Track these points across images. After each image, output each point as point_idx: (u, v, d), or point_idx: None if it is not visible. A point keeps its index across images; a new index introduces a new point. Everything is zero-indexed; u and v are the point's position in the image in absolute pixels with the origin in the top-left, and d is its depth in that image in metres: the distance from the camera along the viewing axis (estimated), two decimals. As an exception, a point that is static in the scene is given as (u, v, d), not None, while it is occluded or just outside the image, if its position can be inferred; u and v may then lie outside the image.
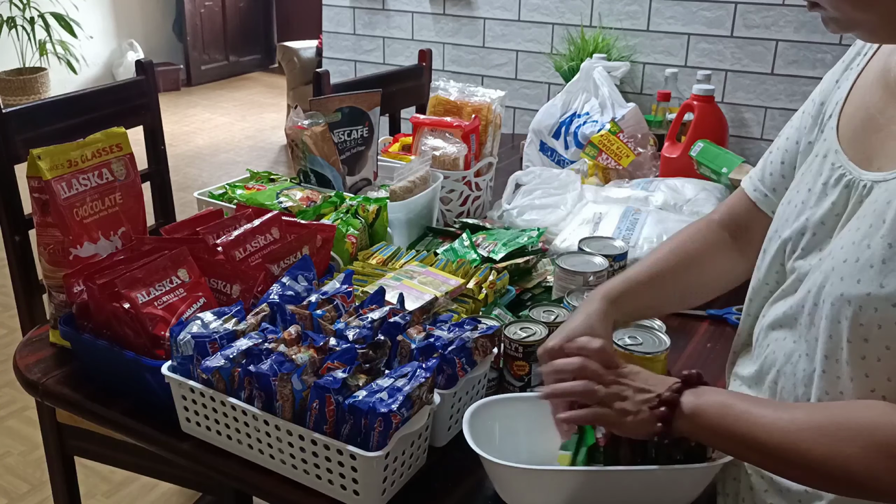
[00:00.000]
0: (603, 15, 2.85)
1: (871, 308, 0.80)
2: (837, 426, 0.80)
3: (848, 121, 0.93)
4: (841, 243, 0.86)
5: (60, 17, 5.78)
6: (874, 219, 0.83)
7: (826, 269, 0.87)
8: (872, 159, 0.88)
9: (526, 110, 3.08)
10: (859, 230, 0.84)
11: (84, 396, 1.18)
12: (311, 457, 0.97)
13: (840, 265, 0.84)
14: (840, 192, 0.90)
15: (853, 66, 0.97)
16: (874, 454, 0.77)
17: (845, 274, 0.83)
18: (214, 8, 7.17)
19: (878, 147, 0.88)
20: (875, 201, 0.84)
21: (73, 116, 1.78)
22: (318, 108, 1.68)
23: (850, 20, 0.83)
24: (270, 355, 0.99)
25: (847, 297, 0.82)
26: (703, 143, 1.83)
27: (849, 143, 0.92)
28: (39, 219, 1.23)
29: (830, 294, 0.85)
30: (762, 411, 0.85)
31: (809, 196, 0.94)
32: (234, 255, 1.23)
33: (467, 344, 1.05)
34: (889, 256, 0.80)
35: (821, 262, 0.90)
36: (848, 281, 0.83)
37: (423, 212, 1.65)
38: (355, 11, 3.35)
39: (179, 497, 2.20)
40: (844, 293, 0.83)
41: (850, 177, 0.89)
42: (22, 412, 2.55)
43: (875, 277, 0.80)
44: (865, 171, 0.88)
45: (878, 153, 0.87)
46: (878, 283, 0.80)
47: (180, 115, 6.13)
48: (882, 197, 0.83)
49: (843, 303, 0.83)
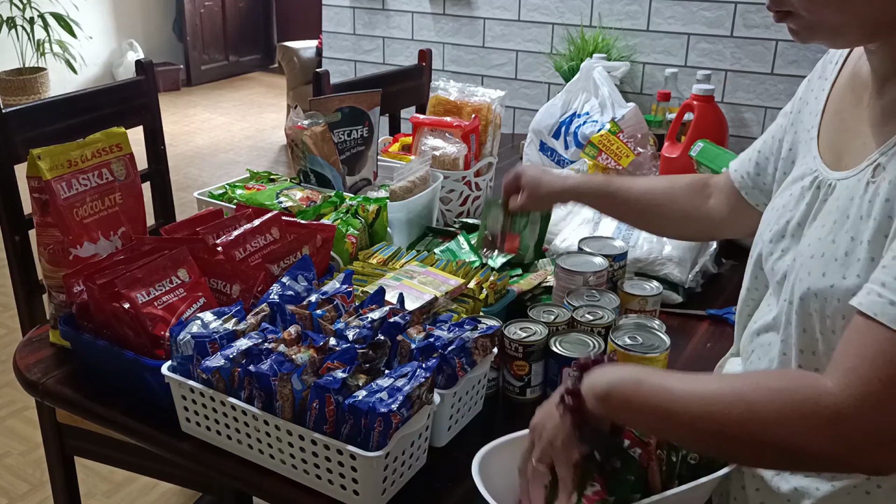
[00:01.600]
0: (603, 15, 2.85)
1: (835, 299, 0.83)
2: (753, 389, 0.77)
3: (825, 128, 0.97)
4: (808, 240, 0.89)
5: (60, 17, 5.78)
6: (838, 215, 0.86)
7: (796, 268, 0.90)
8: (841, 159, 0.91)
9: (526, 110, 3.08)
10: (824, 227, 0.87)
11: (84, 396, 1.18)
12: (310, 457, 0.97)
13: (808, 261, 0.87)
14: (812, 193, 0.93)
15: (827, 74, 1.00)
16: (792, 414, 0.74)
17: (812, 269, 0.86)
18: (214, 8, 7.17)
19: (846, 146, 0.91)
20: (838, 198, 0.87)
21: (73, 116, 1.78)
22: (318, 108, 1.68)
23: (821, 24, 0.84)
24: (270, 355, 0.99)
25: (814, 290, 0.85)
26: (702, 143, 1.83)
27: (825, 148, 0.95)
28: (39, 219, 1.23)
29: (799, 289, 0.87)
30: (676, 383, 0.82)
31: (790, 200, 0.97)
32: (234, 255, 1.23)
33: (467, 344, 1.05)
34: (851, 249, 0.82)
35: (794, 261, 0.92)
36: (814, 275, 0.85)
37: (423, 212, 1.65)
38: (355, 11, 3.36)
39: (179, 497, 2.20)
40: (811, 286, 0.85)
41: (821, 178, 0.92)
42: (22, 412, 2.55)
43: (838, 270, 0.83)
44: (834, 171, 0.91)
45: (846, 152, 0.90)
46: (840, 275, 0.83)
47: (180, 115, 6.13)
48: (844, 193, 0.86)
49: (811, 296, 0.85)
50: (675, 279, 1.48)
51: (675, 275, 1.48)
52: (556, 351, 1.15)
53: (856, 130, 0.90)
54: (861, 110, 0.90)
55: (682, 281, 1.48)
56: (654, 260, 1.49)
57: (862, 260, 0.81)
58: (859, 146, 0.88)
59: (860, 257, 0.81)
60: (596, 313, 1.23)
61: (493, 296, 1.31)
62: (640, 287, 1.36)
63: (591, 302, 1.27)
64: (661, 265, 1.49)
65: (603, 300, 1.28)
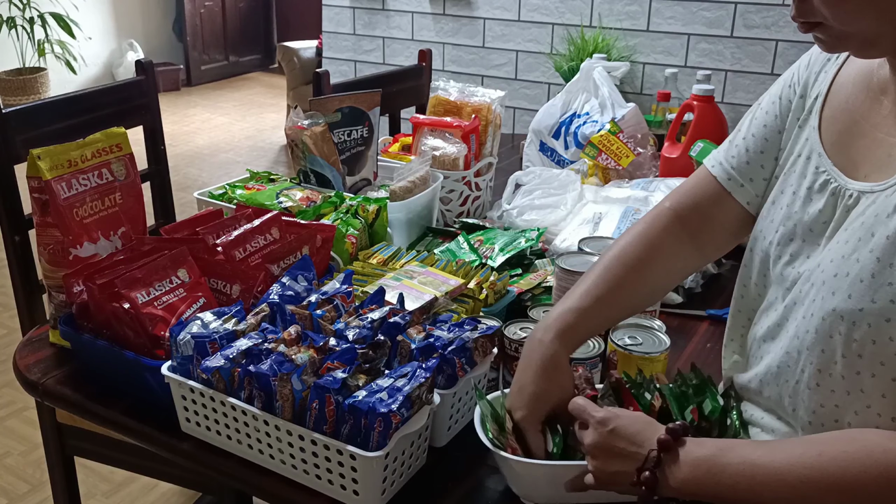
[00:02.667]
0: (603, 15, 2.85)
1: (865, 324, 0.79)
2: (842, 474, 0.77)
3: (830, 123, 0.92)
4: (830, 256, 0.85)
5: (60, 18, 5.78)
6: (862, 232, 0.82)
7: (816, 283, 0.86)
8: (858, 166, 0.87)
9: (526, 110, 3.08)
10: (848, 243, 0.83)
11: (84, 396, 1.18)
12: (310, 457, 0.97)
13: (830, 279, 0.84)
14: (826, 199, 0.89)
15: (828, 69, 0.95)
16: None
17: (836, 289, 0.82)
18: (214, 8, 7.17)
19: (863, 154, 0.87)
20: (863, 213, 0.83)
21: (73, 116, 1.78)
22: (318, 108, 1.68)
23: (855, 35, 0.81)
24: (270, 355, 0.99)
25: (840, 313, 0.81)
26: (702, 143, 1.83)
27: (832, 147, 0.90)
28: (39, 219, 1.23)
29: (822, 309, 0.84)
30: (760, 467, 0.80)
31: (794, 199, 0.93)
32: (234, 255, 1.23)
33: (467, 344, 1.05)
34: (878, 270, 0.79)
35: (810, 273, 0.89)
36: (839, 296, 0.82)
37: (423, 212, 1.65)
38: (355, 11, 3.36)
39: (179, 497, 2.20)
40: (836, 308, 0.82)
41: (836, 184, 0.88)
42: (22, 412, 2.55)
43: (866, 292, 0.80)
44: (851, 179, 0.87)
45: (864, 160, 0.86)
46: (869, 299, 0.79)
47: (180, 115, 6.13)
48: (870, 210, 0.82)
49: (836, 318, 0.82)
50: (675, 279, 1.48)
51: (675, 275, 1.48)
52: None
53: (877, 139, 0.86)
54: (883, 118, 0.86)
55: (682, 281, 1.48)
56: (654, 260, 1.49)
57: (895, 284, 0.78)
58: (884, 157, 0.84)
59: (891, 281, 0.78)
60: None
61: (493, 296, 1.31)
62: (640, 287, 1.36)
63: None
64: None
65: None
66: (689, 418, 0.93)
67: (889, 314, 0.77)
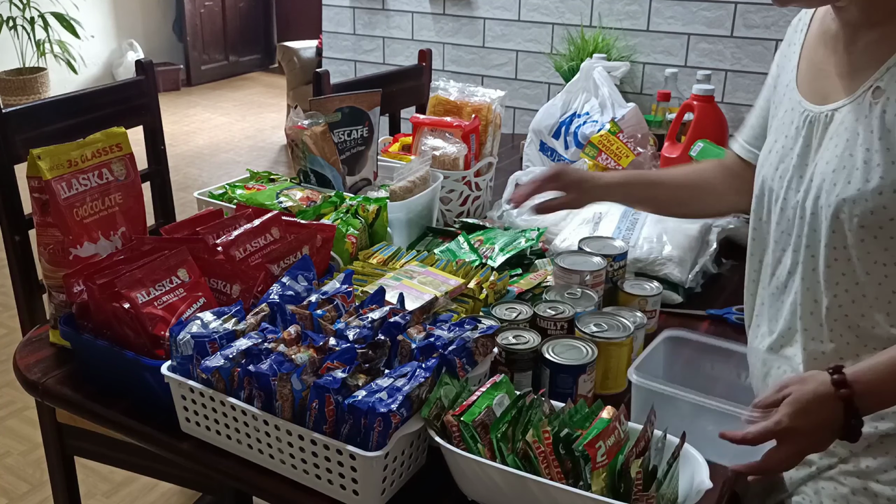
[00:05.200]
0: (603, 15, 2.85)
1: (863, 200, 1.00)
2: None
3: (803, 77, 1.16)
4: (826, 158, 1.06)
5: (60, 17, 5.78)
6: (849, 134, 1.03)
7: (817, 184, 1.06)
8: (827, 98, 1.09)
9: (526, 110, 3.08)
10: (837, 146, 1.05)
11: (84, 396, 1.18)
12: (310, 457, 0.97)
13: (830, 175, 1.04)
14: (807, 128, 1.11)
15: (793, 40, 1.20)
16: None
17: (837, 180, 1.03)
18: (214, 8, 7.16)
19: (830, 87, 1.10)
20: (842, 122, 1.05)
21: (73, 116, 1.78)
22: (318, 108, 1.68)
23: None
24: (270, 355, 0.99)
25: (843, 197, 1.02)
26: (702, 143, 1.83)
27: (806, 92, 1.14)
28: (39, 219, 1.23)
29: (828, 201, 1.04)
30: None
31: (787, 141, 1.14)
32: (234, 255, 1.23)
33: (467, 344, 1.05)
34: (868, 158, 1.01)
35: (809, 181, 1.08)
36: (840, 185, 1.02)
37: (423, 212, 1.65)
38: (355, 11, 3.36)
39: (179, 497, 2.20)
40: (839, 194, 1.02)
41: (812, 114, 1.10)
42: (22, 412, 2.55)
43: (861, 176, 1.01)
44: (822, 106, 1.09)
45: (831, 92, 1.09)
46: (864, 179, 1.01)
47: (180, 115, 6.13)
48: (848, 117, 1.04)
49: (842, 204, 1.02)
50: (675, 279, 1.48)
51: (675, 275, 1.48)
52: (548, 358, 1.14)
53: (838, 73, 1.09)
54: (839, 57, 1.09)
55: (682, 281, 1.48)
56: (654, 260, 1.49)
57: (882, 164, 0.99)
58: (845, 83, 1.07)
59: (879, 162, 0.99)
60: (557, 308, 1.23)
61: (493, 296, 1.31)
62: (640, 287, 1.36)
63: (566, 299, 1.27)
64: (661, 265, 1.49)
65: (582, 299, 1.28)
66: None
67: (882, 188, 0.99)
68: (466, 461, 0.93)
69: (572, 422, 0.94)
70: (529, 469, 0.90)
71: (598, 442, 0.89)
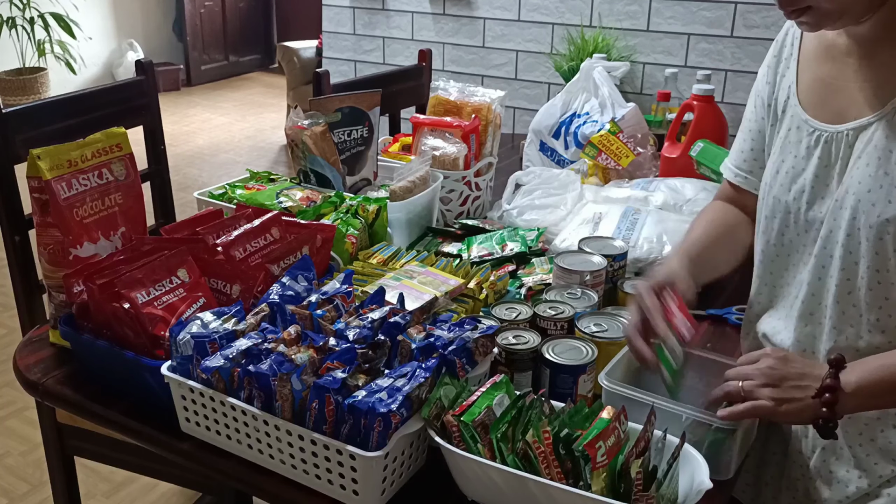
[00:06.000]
0: (603, 15, 2.85)
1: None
2: None
3: (807, 95, 1.11)
4: (858, 178, 1.02)
5: (60, 18, 5.78)
6: (881, 152, 1.00)
7: (851, 204, 1.02)
8: (844, 114, 1.05)
9: (526, 110, 3.08)
10: (869, 165, 1.01)
11: (84, 396, 1.18)
12: (310, 457, 0.97)
13: (865, 195, 1.00)
14: (822, 147, 1.07)
15: (783, 56, 1.16)
16: None
17: (876, 200, 0.99)
18: (214, 8, 7.16)
19: (846, 103, 1.05)
20: (870, 140, 1.01)
21: (73, 116, 1.78)
22: (318, 108, 1.68)
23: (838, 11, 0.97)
24: (270, 355, 0.99)
25: (885, 217, 0.98)
26: (703, 143, 1.83)
27: (815, 110, 1.09)
28: (39, 219, 1.23)
29: (868, 221, 1.00)
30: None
31: (797, 161, 1.10)
32: (234, 255, 1.23)
33: (468, 344, 1.05)
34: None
35: (837, 202, 1.04)
36: (880, 205, 0.99)
37: (423, 212, 1.65)
38: (355, 11, 3.36)
39: (179, 497, 2.20)
40: (881, 214, 0.99)
41: (827, 133, 1.06)
42: (22, 412, 2.55)
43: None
44: (840, 125, 1.05)
45: (849, 107, 1.05)
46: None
47: (180, 115, 6.13)
48: (877, 134, 1.00)
49: (884, 223, 0.98)
50: (675, 279, 1.47)
51: (674, 275, 1.47)
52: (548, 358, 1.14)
53: (855, 87, 1.04)
54: (854, 72, 1.05)
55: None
56: (654, 260, 1.49)
57: None
58: (868, 98, 1.02)
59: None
60: (557, 308, 1.23)
61: (493, 296, 1.31)
62: (640, 287, 1.36)
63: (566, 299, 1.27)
64: (660, 265, 1.48)
65: (582, 299, 1.28)
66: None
67: None
68: (466, 461, 0.93)
69: (572, 422, 0.94)
70: (529, 469, 0.90)
71: (598, 442, 0.89)
